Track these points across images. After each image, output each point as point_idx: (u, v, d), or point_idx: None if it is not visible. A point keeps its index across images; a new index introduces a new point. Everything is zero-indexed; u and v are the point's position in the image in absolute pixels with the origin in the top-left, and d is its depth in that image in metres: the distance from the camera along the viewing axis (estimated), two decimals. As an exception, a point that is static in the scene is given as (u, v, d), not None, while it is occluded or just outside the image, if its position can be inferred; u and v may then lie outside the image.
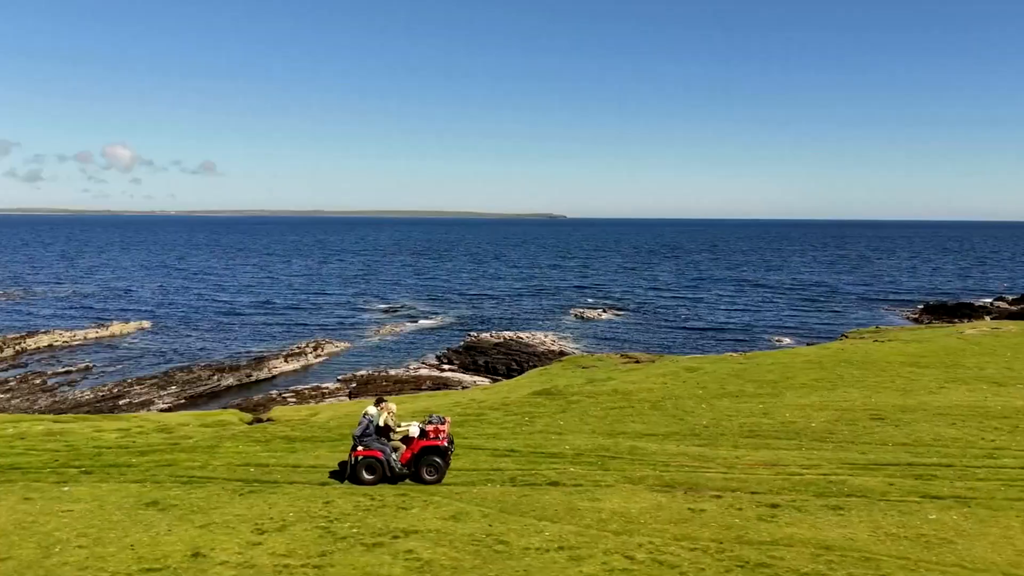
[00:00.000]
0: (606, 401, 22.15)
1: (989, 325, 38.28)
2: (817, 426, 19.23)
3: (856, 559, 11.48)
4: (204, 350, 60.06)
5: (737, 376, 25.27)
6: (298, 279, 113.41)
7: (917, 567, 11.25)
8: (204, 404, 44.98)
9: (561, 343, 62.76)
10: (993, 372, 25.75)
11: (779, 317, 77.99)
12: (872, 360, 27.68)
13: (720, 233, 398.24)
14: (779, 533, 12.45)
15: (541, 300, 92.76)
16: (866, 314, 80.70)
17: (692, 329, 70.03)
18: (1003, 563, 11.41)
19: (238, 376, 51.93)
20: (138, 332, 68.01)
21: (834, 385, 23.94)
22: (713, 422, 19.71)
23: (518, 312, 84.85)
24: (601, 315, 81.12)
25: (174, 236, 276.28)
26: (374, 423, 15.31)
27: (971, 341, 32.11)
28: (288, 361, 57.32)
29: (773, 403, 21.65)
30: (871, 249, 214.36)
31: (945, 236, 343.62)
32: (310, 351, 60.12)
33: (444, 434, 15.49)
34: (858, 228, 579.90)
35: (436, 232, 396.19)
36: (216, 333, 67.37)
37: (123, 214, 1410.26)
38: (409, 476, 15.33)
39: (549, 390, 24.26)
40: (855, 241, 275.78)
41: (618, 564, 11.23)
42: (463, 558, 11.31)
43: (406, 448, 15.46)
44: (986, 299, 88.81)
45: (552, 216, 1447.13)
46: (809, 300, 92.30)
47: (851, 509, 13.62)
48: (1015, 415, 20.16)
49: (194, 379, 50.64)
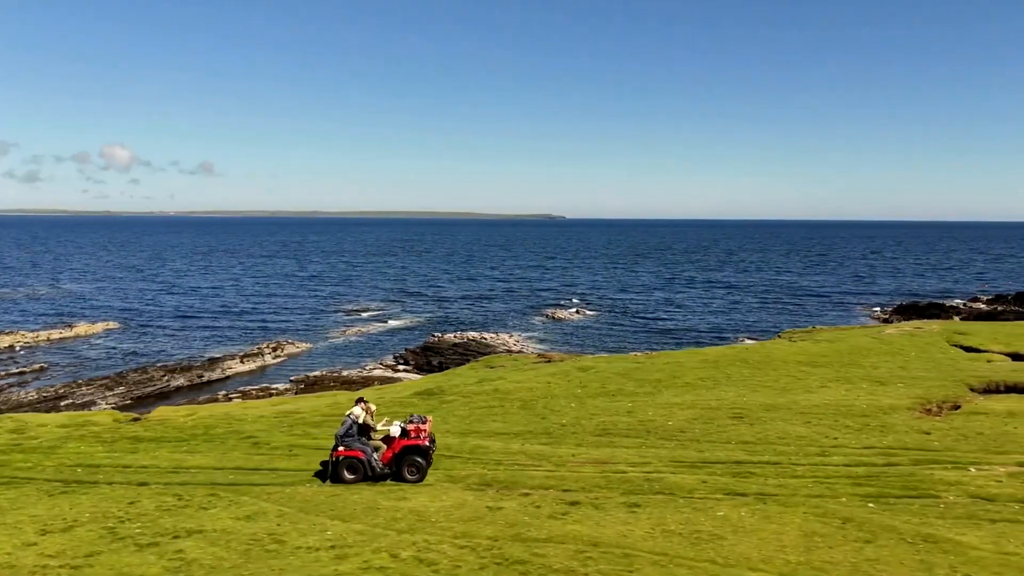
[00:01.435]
0: (479, 401, 22.38)
1: (915, 325, 38.45)
2: (673, 424, 19.46)
3: (616, 555, 11.70)
4: (166, 351, 60.25)
5: (625, 375, 25.48)
6: (275, 280, 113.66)
7: (670, 563, 11.47)
8: (151, 404, 45.14)
9: (524, 343, 62.95)
10: (883, 372, 25.95)
11: (748, 318, 78.22)
12: (769, 360, 27.89)
13: (713, 234, 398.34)
14: (558, 531, 12.68)
15: (516, 301, 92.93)
16: (838, 314, 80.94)
17: (657, 331, 70.23)
18: (756, 559, 11.62)
19: (189, 377, 52.09)
20: (104, 333, 68.24)
21: (716, 384, 24.16)
22: (573, 421, 19.94)
23: (490, 313, 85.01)
24: (573, 316, 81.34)
25: (165, 237, 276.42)
26: (356, 423, 15.43)
27: (884, 341, 32.30)
28: (244, 362, 57.44)
29: (644, 402, 21.87)
30: (858, 249, 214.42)
31: (937, 236, 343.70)
32: (268, 352, 60.24)
33: (425, 433, 15.62)
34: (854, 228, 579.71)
35: (430, 232, 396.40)
36: (182, 334, 67.54)
37: (122, 215, 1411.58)
38: (391, 476, 15.42)
39: (432, 389, 24.52)
40: (844, 242, 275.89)
41: (379, 562, 11.46)
42: (228, 558, 11.53)
43: (387, 448, 15.58)
44: (961, 299, 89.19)
45: (551, 217, 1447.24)
46: (783, 301, 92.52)
47: (647, 506, 13.85)
48: (875, 414, 20.38)
49: (146, 380, 50.84)
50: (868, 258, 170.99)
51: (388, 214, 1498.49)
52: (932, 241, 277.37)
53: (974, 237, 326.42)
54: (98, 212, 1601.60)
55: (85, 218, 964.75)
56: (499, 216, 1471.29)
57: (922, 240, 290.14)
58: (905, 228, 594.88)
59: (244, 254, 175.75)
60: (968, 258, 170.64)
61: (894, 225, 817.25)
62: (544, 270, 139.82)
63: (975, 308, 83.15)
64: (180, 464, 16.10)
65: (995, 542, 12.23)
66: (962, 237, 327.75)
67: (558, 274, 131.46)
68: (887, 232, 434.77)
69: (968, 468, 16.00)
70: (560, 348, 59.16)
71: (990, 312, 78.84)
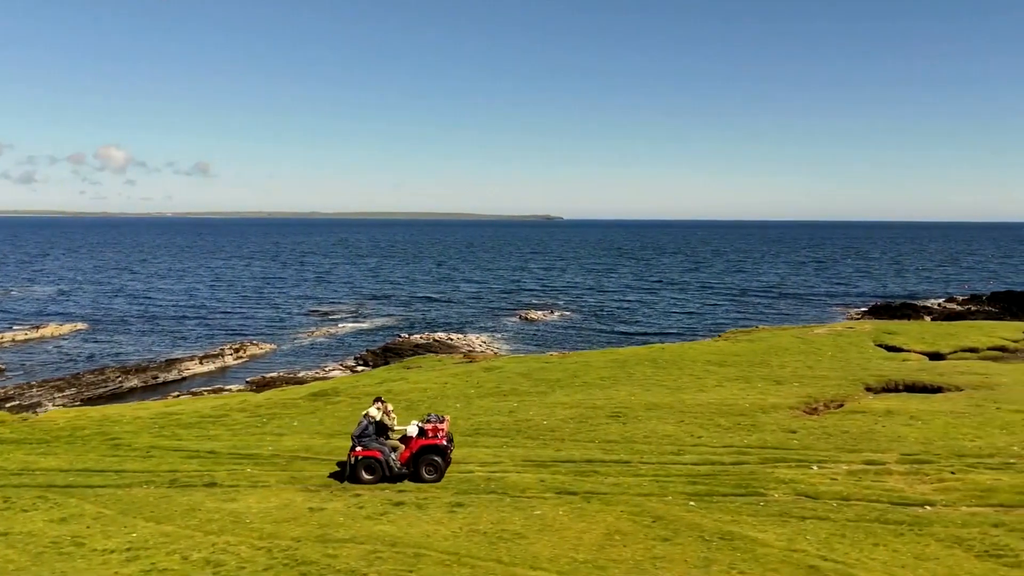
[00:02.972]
0: (367, 402, 22.38)
1: (846, 325, 38.51)
2: (547, 424, 19.53)
3: (407, 556, 11.78)
4: (130, 352, 59.96)
5: (526, 375, 25.57)
6: (252, 282, 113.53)
7: (456, 562, 11.55)
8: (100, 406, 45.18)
9: (491, 344, 62.93)
10: (787, 372, 26.03)
11: (718, 319, 78.17)
12: (679, 359, 27.98)
13: (708, 234, 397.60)
14: (365, 531, 12.74)
15: (492, 302, 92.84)
16: (813, 314, 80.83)
17: (624, 332, 70.19)
18: (544, 557, 11.70)
19: (143, 378, 51.99)
20: (72, 334, 68.12)
21: (613, 384, 24.23)
22: (453, 422, 19.96)
23: (464, 313, 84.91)
24: (546, 317, 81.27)
25: (154, 238, 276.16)
26: (373, 423, 15.43)
27: (807, 341, 32.40)
28: (203, 363, 57.30)
29: (531, 402, 21.95)
30: (848, 250, 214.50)
31: (930, 237, 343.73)
32: (230, 353, 60.10)
33: (443, 432, 15.59)
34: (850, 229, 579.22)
35: (424, 234, 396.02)
36: (151, 335, 67.37)
37: (119, 216, 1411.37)
38: (408, 476, 15.40)
39: (327, 391, 24.61)
40: (837, 242, 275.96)
41: (166, 564, 11.53)
42: (17, 560, 11.61)
43: (405, 448, 15.57)
44: (939, 300, 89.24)
45: (549, 217, 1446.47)
46: (759, 302, 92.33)
47: (470, 506, 13.92)
48: (753, 413, 20.45)
49: (101, 381, 50.75)
50: (855, 259, 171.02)
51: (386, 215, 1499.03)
52: (924, 242, 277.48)
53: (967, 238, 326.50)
54: (95, 213, 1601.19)
55: (82, 219, 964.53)
56: (497, 217, 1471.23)
57: (914, 241, 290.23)
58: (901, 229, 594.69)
59: (229, 255, 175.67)
60: (955, 259, 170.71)
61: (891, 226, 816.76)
62: (526, 271, 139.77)
63: (949, 308, 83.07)
64: (28, 466, 16.19)
65: (790, 539, 12.29)
66: (956, 238, 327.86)
67: (540, 275, 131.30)
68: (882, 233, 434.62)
69: (812, 466, 16.07)
70: (525, 349, 59.13)
71: (962, 312, 78.77)
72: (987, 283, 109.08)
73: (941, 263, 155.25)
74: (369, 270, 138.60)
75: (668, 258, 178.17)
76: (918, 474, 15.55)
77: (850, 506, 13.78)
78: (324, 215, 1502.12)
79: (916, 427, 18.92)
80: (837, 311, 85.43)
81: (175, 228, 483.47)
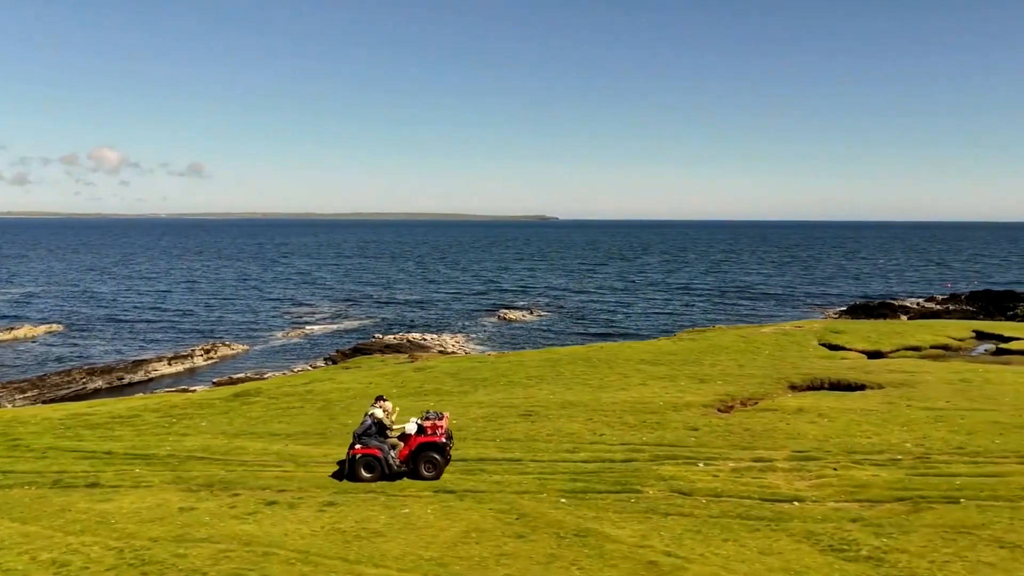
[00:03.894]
0: (284, 402, 22.50)
1: (795, 324, 38.65)
2: (456, 423, 19.56)
3: (256, 555, 11.81)
4: (102, 353, 59.81)
5: (455, 375, 25.62)
6: (233, 282, 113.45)
7: (302, 560, 11.59)
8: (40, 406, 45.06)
9: (465, 344, 62.99)
10: (717, 370, 26.10)
11: (697, 320, 78.29)
12: (613, 358, 28.04)
13: (701, 234, 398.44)
14: (226, 531, 12.77)
15: (472, 302, 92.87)
16: (792, 315, 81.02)
17: (597, 333, 70.26)
18: (393, 555, 11.75)
19: (109, 379, 51.91)
20: (46, 335, 67.98)
21: (538, 383, 24.29)
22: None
23: (443, 314, 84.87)
24: (525, 317, 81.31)
25: (142, 239, 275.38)
26: (375, 422, 15.43)
27: (748, 340, 32.47)
28: (171, 364, 57.19)
29: (450, 401, 22.00)
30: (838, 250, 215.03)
31: (920, 237, 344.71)
32: (200, 354, 59.99)
33: (442, 430, 15.59)
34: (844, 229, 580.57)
35: (417, 234, 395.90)
36: (125, 336, 67.23)
37: (114, 217, 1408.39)
38: (407, 473, 15.41)
39: (249, 391, 24.64)
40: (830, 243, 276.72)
41: (13, 564, 11.56)
42: None
43: (404, 445, 15.56)
44: (919, 299, 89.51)
45: (545, 218, 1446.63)
46: (736, 303, 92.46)
47: (342, 505, 13.96)
48: (664, 411, 20.52)
49: (66, 382, 50.68)
50: (841, 259, 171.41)
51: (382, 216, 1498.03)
52: (916, 241, 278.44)
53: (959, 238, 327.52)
54: (90, 214, 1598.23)
55: (76, 220, 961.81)
56: (492, 217, 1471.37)
57: (905, 240, 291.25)
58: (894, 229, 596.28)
59: (213, 256, 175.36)
60: (942, 259, 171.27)
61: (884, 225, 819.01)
62: (510, 272, 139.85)
63: (927, 307, 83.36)
64: (-81, 467, 16.18)
65: (644, 536, 12.35)
66: (947, 238, 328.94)
67: (523, 275, 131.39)
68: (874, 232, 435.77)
69: (698, 463, 16.12)
70: (498, 349, 59.21)
71: (939, 311, 79.14)
72: (971, 282, 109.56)
73: (928, 263, 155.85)
74: (352, 271, 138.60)
75: (655, 259, 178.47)
76: (801, 471, 15.62)
77: (719, 502, 13.83)
78: (319, 216, 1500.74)
79: (820, 424, 18.99)
80: (815, 311, 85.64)
81: (167, 229, 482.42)
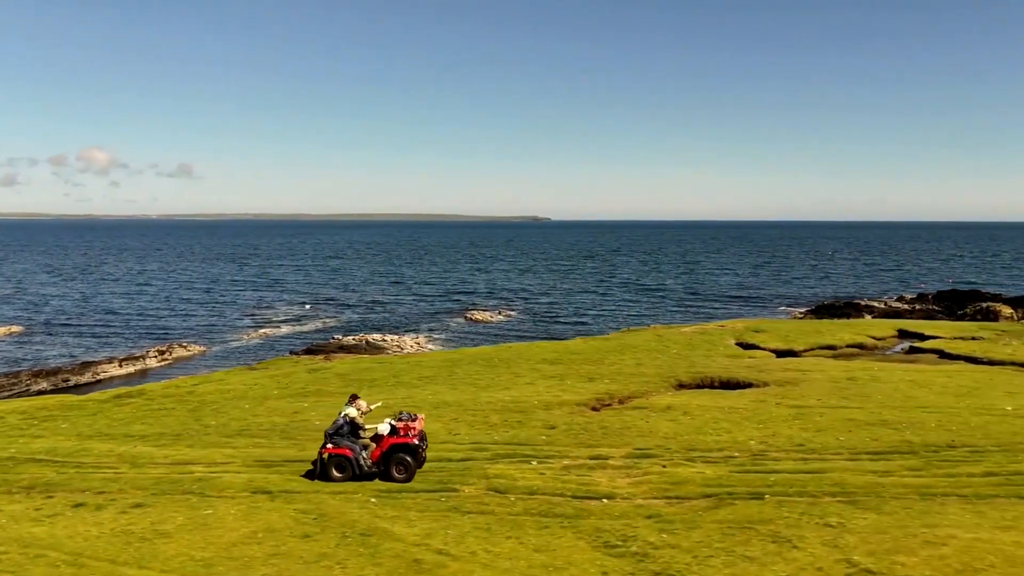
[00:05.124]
0: (159, 403, 22.44)
1: (720, 324, 38.79)
2: (321, 424, 19.46)
3: (28, 556, 11.78)
4: (61, 355, 59.24)
5: (344, 375, 25.61)
6: (205, 284, 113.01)
7: (70, 563, 11.52)
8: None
9: (424, 346, 62.85)
10: (612, 369, 26.17)
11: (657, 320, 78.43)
12: (513, 358, 28.07)
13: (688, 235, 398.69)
14: (15, 533, 12.71)
15: (443, 303, 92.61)
16: (757, 314, 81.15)
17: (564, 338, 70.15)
18: (163, 557, 11.68)
19: (54, 381, 51.56)
20: (5, 337, 67.63)
21: (426, 383, 24.30)
22: (224, 423, 20.03)
23: (410, 315, 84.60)
24: (492, 318, 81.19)
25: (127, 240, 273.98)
26: (348, 421, 15.28)
27: (663, 339, 32.58)
28: (123, 366, 56.74)
29: (326, 403, 21.95)
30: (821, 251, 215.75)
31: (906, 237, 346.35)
32: (154, 355, 59.56)
33: (415, 431, 15.35)
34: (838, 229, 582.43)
35: (403, 234, 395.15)
36: (87, 337, 66.61)
37: (104, 218, 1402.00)
38: (379, 475, 15.23)
39: (131, 392, 24.58)
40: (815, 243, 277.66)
41: None
42: None
43: (376, 446, 15.39)
44: (889, 298, 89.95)
45: (536, 218, 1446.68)
46: (704, 303, 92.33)
47: (150, 506, 13.88)
48: (532, 409, 20.59)
49: (11, 384, 50.27)
50: (818, 260, 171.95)
51: (373, 216, 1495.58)
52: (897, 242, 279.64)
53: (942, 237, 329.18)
54: (80, 215, 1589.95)
55: (66, 221, 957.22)
56: (483, 218, 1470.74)
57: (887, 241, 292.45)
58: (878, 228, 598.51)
59: (192, 257, 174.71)
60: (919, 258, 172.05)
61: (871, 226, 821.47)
62: (487, 272, 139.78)
63: (895, 307, 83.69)
64: None
65: (429, 534, 12.37)
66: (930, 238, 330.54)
67: (500, 276, 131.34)
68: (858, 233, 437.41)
69: (532, 462, 16.16)
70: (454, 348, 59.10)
71: (905, 310, 79.58)
72: (945, 282, 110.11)
73: (905, 263, 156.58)
74: (328, 272, 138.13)
75: (635, 259, 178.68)
76: (631, 468, 15.67)
77: (527, 500, 13.85)
78: (310, 217, 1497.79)
79: (678, 422, 19.06)
80: (781, 310, 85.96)
81: (155, 230, 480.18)
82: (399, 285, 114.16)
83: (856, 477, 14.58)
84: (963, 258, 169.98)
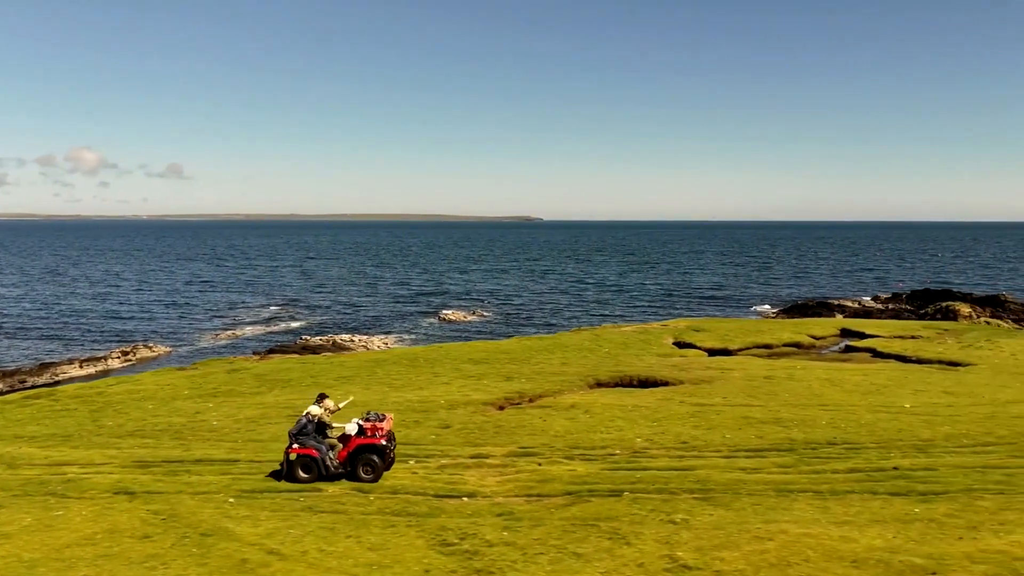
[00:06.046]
0: (65, 404, 22.21)
1: (663, 323, 38.86)
2: (217, 425, 19.45)
3: None
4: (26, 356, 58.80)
5: (262, 376, 25.50)
6: (179, 284, 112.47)
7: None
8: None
9: (392, 346, 62.70)
10: (534, 369, 26.15)
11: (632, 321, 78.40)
12: (441, 358, 28.01)
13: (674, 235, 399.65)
14: None
15: (417, 303, 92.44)
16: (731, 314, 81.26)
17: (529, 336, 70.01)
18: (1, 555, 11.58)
19: (11, 383, 51.14)
20: (-29, 339, 67.13)
21: (341, 383, 24.21)
22: (120, 424, 19.91)
23: (383, 315, 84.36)
24: (465, 318, 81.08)
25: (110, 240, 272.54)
26: (310, 420, 15.09)
27: (601, 338, 32.61)
28: (83, 367, 56.27)
29: (232, 402, 21.87)
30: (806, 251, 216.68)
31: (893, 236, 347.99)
32: (117, 356, 59.12)
33: (383, 431, 15.12)
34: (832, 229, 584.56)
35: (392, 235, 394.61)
36: (54, 339, 66.18)
37: (94, 219, 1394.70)
38: (346, 475, 15.02)
39: (40, 392, 24.46)
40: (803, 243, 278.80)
41: None
42: None
43: (343, 446, 15.18)
44: (864, 297, 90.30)
45: (528, 219, 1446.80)
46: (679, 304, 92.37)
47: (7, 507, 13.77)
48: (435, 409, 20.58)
49: (-32, 386, 49.98)
50: (799, 260, 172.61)
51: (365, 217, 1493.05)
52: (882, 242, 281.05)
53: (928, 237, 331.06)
54: (70, 216, 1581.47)
55: (55, 222, 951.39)
56: (476, 219, 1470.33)
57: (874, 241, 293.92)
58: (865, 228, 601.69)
59: (173, 257, 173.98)
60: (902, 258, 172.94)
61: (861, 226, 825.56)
62: (466, 273, 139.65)
63: (868, 306, 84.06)
64: None
65: (271, 534, 12.34)
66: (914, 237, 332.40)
67: (478, 277, 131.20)
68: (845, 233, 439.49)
69: (408, 461, 16.11)
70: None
71: (878, 310, 79.96)
72: (924, 283, 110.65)
73: (885, 261, 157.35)
74: (305, 272, 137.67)
75: (616, 260, 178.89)
76: (507, 467, 15.63)
77: (386, 499, 13.79)
78: (302, 217, 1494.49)
79: (576, 421, 19.05)
80: (753, 310, 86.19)
81: (144, 231, 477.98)
82: (375, 286, 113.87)
83: (722, 474, 14.57)
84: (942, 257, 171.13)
